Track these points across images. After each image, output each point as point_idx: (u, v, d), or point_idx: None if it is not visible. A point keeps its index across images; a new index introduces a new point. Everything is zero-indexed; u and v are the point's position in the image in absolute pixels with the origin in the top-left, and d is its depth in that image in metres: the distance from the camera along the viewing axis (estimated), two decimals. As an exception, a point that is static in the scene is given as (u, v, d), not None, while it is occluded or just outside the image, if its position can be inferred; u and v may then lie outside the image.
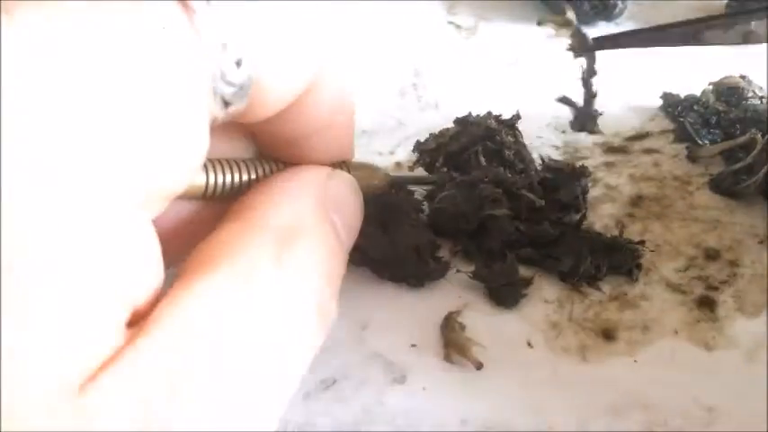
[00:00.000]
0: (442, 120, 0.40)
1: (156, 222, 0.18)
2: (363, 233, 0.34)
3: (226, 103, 0.19)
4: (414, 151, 0.39)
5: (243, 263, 0.19)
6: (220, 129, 0.23)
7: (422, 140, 0.40)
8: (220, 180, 0.22)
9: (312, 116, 0.23)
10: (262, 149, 0.25)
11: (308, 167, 0.24)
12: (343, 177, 0.25)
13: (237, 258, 0.19)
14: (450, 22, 0.54)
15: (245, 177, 0.23)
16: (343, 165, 0.26)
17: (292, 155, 0.24)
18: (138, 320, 0.17)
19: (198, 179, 0.22)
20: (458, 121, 0.39)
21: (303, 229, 0.21)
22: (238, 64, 0.18)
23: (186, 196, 0.22)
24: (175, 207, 0.22)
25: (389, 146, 0.42)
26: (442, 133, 0.39)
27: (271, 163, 0.24)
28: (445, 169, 0.37)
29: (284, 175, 0.23)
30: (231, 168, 0.22)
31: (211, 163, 0.22)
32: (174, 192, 0.18)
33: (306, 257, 0.20)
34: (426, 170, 0.39)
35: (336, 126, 0.24)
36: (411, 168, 0.40)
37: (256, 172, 0.23)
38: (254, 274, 0.19)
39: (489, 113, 0.39)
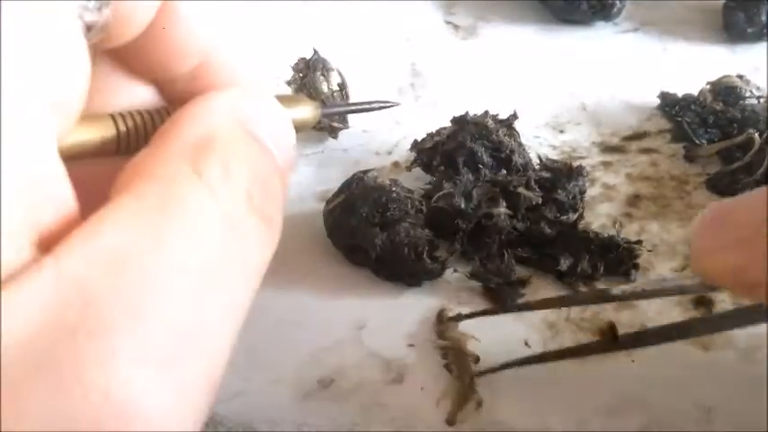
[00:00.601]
0: (439, 119, 0.40)
1: (76, 186, 0.17)
2: (362, 233, 0.34)
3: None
4: (411, 150, 0.39)
5: (159, 179, 0.18)
6: (125, 80, 0.23)
7: (419, 140, 0.40)
8: (131, 126, 0.22)
9: (181, 36, 0.22)
10: (172, 102, 0.24)
11: (219, 91, 0.22)
12: (258, 93, 0.23)
13: (151, 176, 0.18)
14: (449, 22, 0.54)
15: (158, 124, 0.22)
16: None
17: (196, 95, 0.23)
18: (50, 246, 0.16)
19: (109, 132, 0.21)
20: (455, 121, 0.39)
21: (218, 138, 0.20)
22: None
23: (102, 153, 0.21)
24: (94, 169, 0.22)
25: (387, 145, 0.42)
26: (439, 132, 0.39)
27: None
28: (443, 168, 0.37)
29: (195, 99, 0.22)
30: (142, 117, 0.22)
31: (121, 115, 0.22)
32: (63, 99, 0.17)
33: (226, 162, 0.19)
34: (424, 170, 0.39)
35: (219, 59, 0.23)
36: (408, 168, 0.40)
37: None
38: (173, 187, 0.18)
39: (486, 113, 0.39)
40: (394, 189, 0.35)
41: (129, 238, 0.16)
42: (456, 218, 0.35)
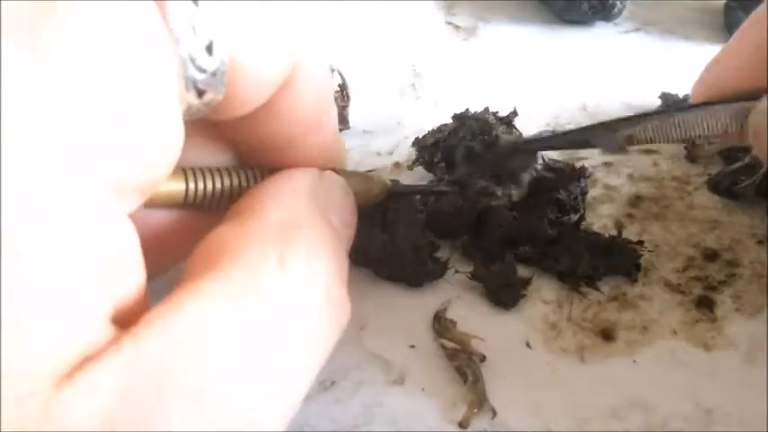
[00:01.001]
0: (440, 120, 0.40)
1: (138, 230, 0.18)
2: (362, 233, 0.34)
3: (200, 92, 0.18)
4: (412, 147, 0.39)
5: (246, 265, 0.18)
6: (202, 137, 0.23)
7: (420, 137, 0.40)
8: (201, 186, 0.22)
9: (292, 116, 0.22)
10: (245, 158, 0.24)
11: (297, 170, 0.23)
12: (332, 178, 0.24)
13: (239, 261, 0.18)
14: (449, 23, 0.54)
15: (226, 184, 0.23)
16: (335, 171, 0.26)
17: (277, 162, 0.24)
18: (125, 320, 0.16)
19: (178, 185, 0.21)
20: (456, 117, 0.39)
21: (301, 226, 0.20)
22: (209, 49, 0.18)
23: (167, 204, 0.22)
24: (157, 216, 0.22)
25: (388, 146, 0.42)
26: (441, 129, 0.39)
27: (255, 170, 0.24)
28: (443, 165, 0.37)
29: (275, 178, 0.23)
30: (212, 175, 0.22)
31: (192, 170, 0.22)
32: (149, 184, 0.18)
33: (308, 252, 0.20)
34: (426, 168, 0.38)
35: (319, 130, 0.24)
36: (410, 168, 0.39)
37: (239, 179, 0.23)
38: (258, 275, 0.18)
39: (487, 109, 0.39)
40: (394, 190, 0.35)
41: (208, 323, 0.17)
42: (455, 216, 0.35)
